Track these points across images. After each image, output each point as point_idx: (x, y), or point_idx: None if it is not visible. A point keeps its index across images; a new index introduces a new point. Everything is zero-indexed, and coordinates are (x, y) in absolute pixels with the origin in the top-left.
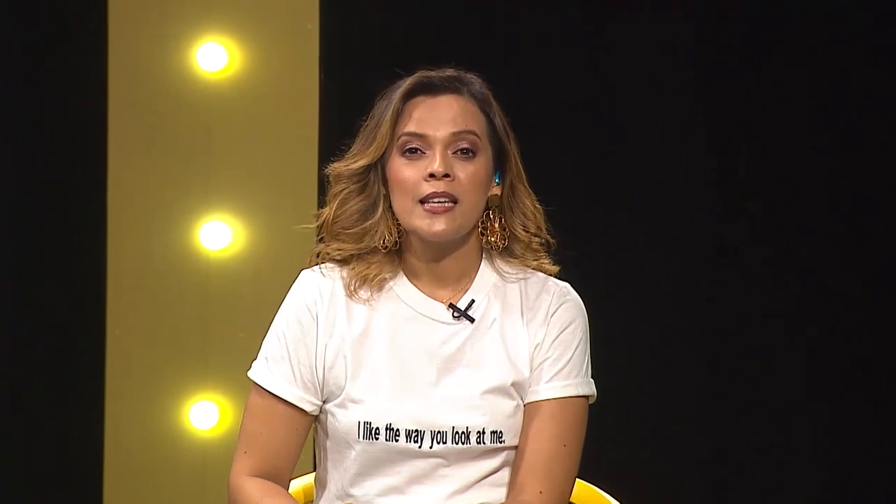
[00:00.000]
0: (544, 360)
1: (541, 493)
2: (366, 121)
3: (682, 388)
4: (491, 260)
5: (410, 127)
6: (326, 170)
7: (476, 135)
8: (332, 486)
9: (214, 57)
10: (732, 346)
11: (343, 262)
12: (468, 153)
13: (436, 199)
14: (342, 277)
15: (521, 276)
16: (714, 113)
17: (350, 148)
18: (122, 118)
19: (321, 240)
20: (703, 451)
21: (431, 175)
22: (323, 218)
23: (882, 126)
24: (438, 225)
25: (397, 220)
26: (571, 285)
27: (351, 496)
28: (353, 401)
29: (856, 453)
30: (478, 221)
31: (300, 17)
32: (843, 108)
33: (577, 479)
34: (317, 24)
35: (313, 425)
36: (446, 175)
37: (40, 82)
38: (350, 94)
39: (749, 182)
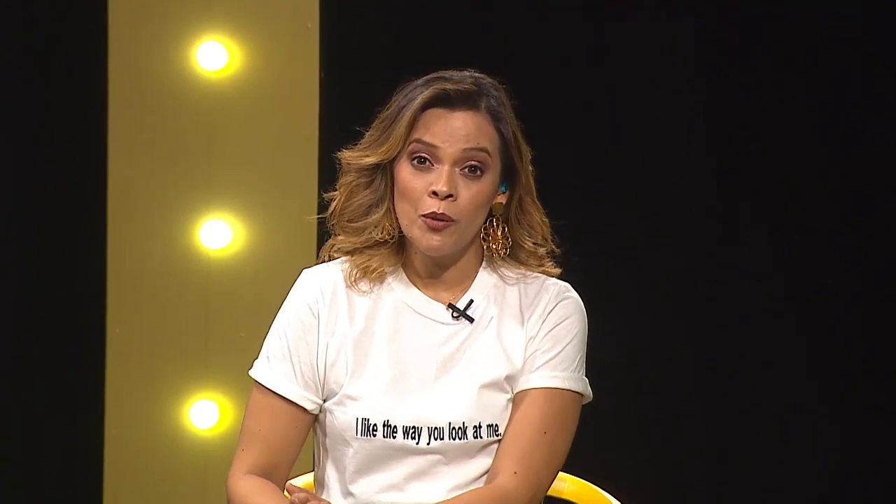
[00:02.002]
0: (536, 351)
1: (515, 473)
2: (381, 111)
3: (683, 388)
4: (491, 262)
5: (424, 136)
6: (338, 155)
7: (487, 152)
8: (332, 484)
9: (215, 56)
10: (733, 346)
11: (347, 254)
12: (476, 171)
13: (435, 217)
14: (343, 270)
15: (520, 277)
16: (714, 113)
17: (363, 136)
18: (122, 118)
19: (331, 227)
20: (704, 450)
21: (435, 193)
22: (333, 205)
23: (882, 126)
24: (434, 241)
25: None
26: (571, 285)
27: (350, 495)
28: (351, 398)
29: (857, 453)
30: (479, 231)
31: (300, 16)
32: (843, 108)
33: (578, 479)
34: (317, 24)
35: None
36: (449, 195)
37: (40, 82)
38: (350, 94)
39: (749, 182)
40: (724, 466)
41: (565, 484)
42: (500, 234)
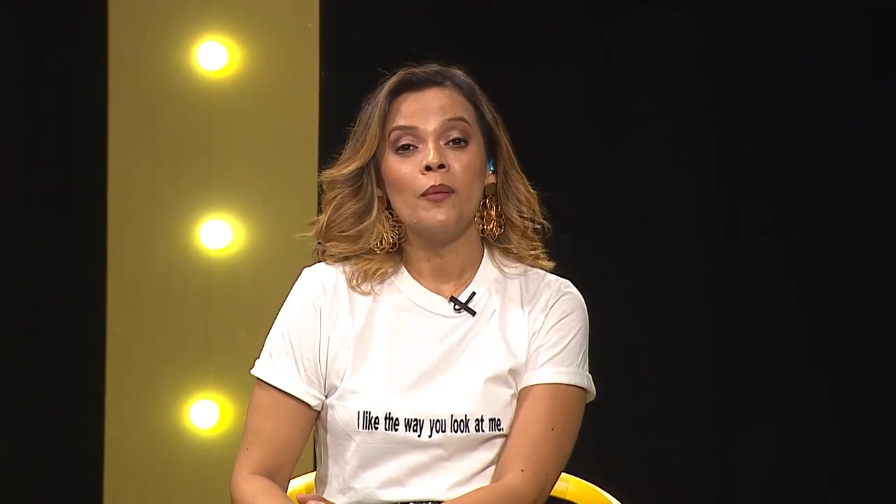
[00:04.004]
0: (540, 347)
1: (522, 471)
2: (354, 126)
3: (683, 388)
4: (491, 254)
5: (400, 121)
6: (320, 178)
7: (466, 121)
8: (334, 481)
9: (215, 56)
10: (733, 346)
11: (344, 258)
12: (460, 142)
13: (434, 191)
14: (344, 272)
15: (521, 272)
16: (714, 112)
17: (341, 154)
18: (122, 118)
19: (320, 243)
20: (704, 450)
21: (427, 168)
22: (319, 224)
23: (884, 125)
24: (441, 214)
25: (395, 221)
26: (572, 282)
27: (352, 489)
28: (353, 391)
29: (857, 453)
30: (476, 212)
31: (300, 16)
32: (844, 107)
33: (578, 479)
34: (317, 24)
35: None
36: (441, 166)
37: (40, 82)
38: (350, 94)
39: (750, 182)
40: (724, 466)
41: (568, 485)
42: (493, 213)
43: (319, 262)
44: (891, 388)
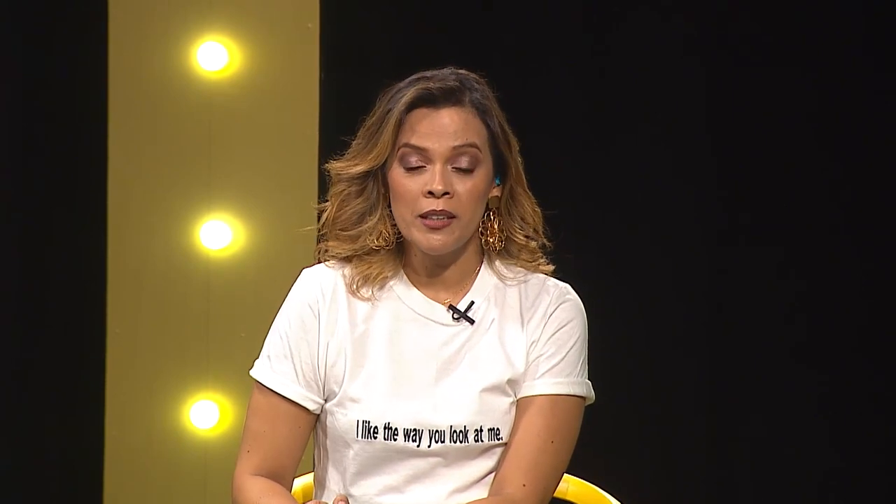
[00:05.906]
0: (539, 357)
1: (524, 485)
2: (367, 118)
3: (683, 388)
4: (490, 262)
5: (412, 140)
6: (326, 167)
7: (477, 147)
8: (332, 485)
9: (215, 56)
10: (733, 346)
11: (346, 259)
12: (468, 167)
13: (434, 216)
14: (344, 275)
15: (520, 278)
16: (716, 114)
17: (351, 145)
18: (122, 118)
19: (322, 236)
20: (704, 451)
21: (430, 192)
22: (325, 215)
23: (885, 125)
24: (436, 240)
25: (396, 222)
26: (571, 286)
27: (350, 496)
28: (352, 400)
29: (857, 455)
30: (478, 226)
31: (300, 16)
32: (846, 107)
33: (578, 479)
34: (317, 24)
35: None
36: (445, 192)
37: (40, 82)
38: (350, 94)
39: (751, 183)
40: (723, 467)
41: (568, 485)
42: (496, 227)
43: (320, 262)
44: (891, 387)
